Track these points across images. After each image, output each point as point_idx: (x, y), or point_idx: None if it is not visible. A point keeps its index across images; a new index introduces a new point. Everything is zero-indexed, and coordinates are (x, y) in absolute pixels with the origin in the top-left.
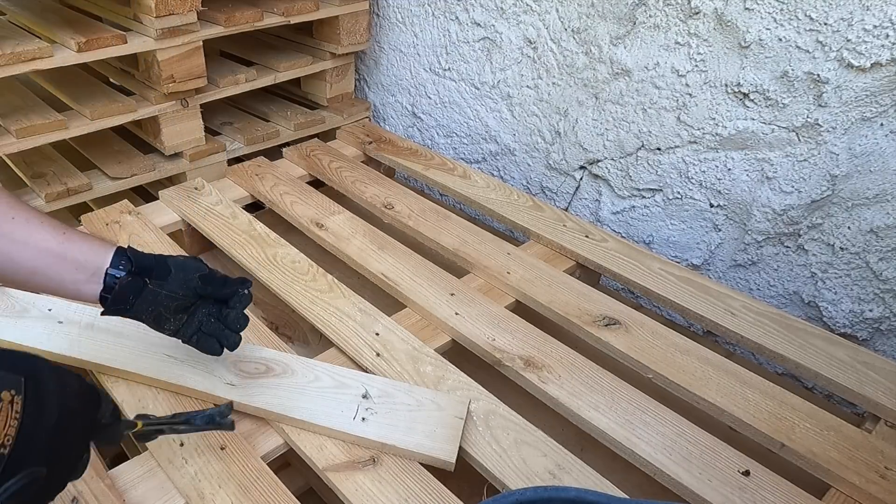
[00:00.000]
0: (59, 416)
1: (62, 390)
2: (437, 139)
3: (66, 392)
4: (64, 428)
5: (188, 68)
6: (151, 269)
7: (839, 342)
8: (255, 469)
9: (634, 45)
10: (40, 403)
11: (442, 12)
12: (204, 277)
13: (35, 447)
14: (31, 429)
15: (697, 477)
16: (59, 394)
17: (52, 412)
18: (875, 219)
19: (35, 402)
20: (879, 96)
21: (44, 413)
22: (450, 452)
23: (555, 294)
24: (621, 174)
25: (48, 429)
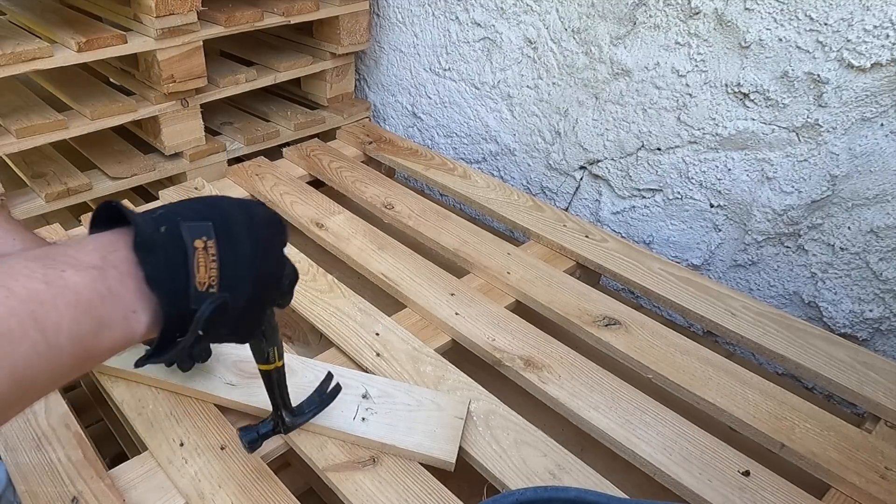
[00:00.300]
0: (252, 243)
1: (250, 221)
2: (438, 139)
3: (253, 222)
4: (259, 252)
5: (188, 68)
6: None
7: (839, 342)
8: (255, 469)
9: (634, 45)
10: (232, 240)
11: (442, 12)
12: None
13: (239, 276)
14: (231, 264)
15: (697, 477)
16: (247, 225)
17: (244, 243)
18: (875, 219)
19: (227, 239)
20: (879, 96)
21: (237, 247)
22: (450, 452)
23: (555, 294)
24: (621, 174)
25: (245, 257)
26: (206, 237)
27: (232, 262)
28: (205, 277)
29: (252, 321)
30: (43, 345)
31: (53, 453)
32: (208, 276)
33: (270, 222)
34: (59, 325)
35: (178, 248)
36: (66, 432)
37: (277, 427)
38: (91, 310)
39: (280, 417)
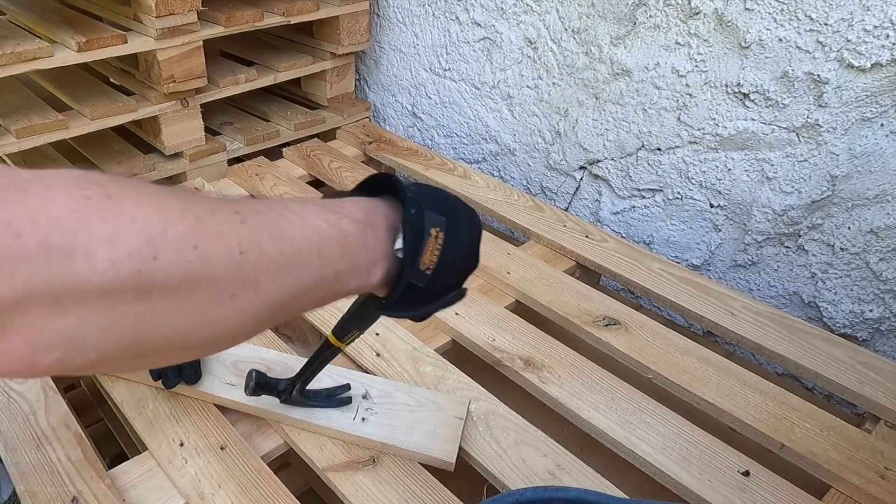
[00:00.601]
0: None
1: (471, 227)
2: (437, 139)
3: (472, 229)
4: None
5: (188, 68)
6: None
7: (839, 342)
8: (255, 469)
9: (635, 45)
10: (456, 237)
11: (442, 12)
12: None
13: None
14: (447, 258)
15: (697, 477)
16: (468, 231)
17: (463, 242)
18: (875, 219)
19: (453, 236)
20: (880, 97)
21: (457, 244)
22: (450, 452)
23: (555, 294)
24: (621, 174)
25: (457, 258)
26: (439, 229)
27: (451, 254)
28: (427, 261)
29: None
30: (318, 272)
31: (53, 453)
32: (430, 260)
33: (480, 229)
34: (331, 259)
35: (418, 231)
36: (66, 432)
37: (282, 392)
38: (351, 254)
39: (291, 388)
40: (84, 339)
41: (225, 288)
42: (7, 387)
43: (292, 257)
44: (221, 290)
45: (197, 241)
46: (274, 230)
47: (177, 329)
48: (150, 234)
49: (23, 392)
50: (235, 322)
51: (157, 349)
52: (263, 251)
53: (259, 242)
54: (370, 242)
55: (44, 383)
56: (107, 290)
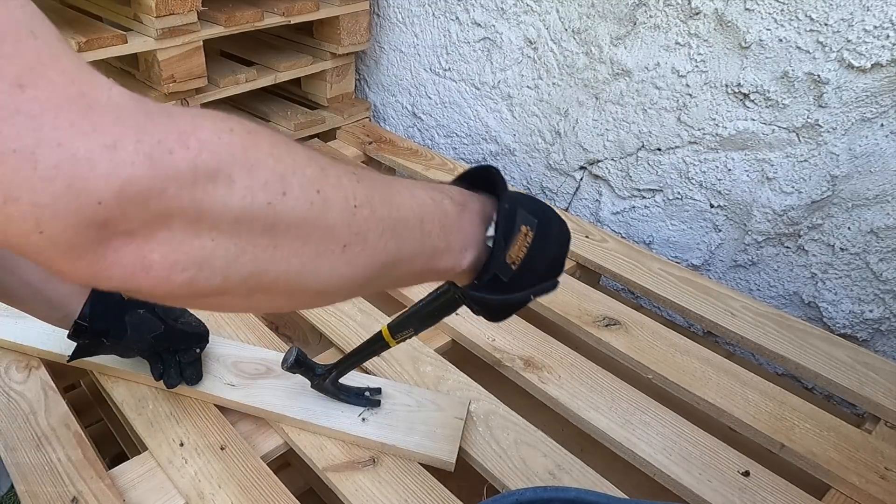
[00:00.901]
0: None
1: (561, 234)
2: (438, 139)
3: (562, 239)
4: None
5: (188, 68)
6: (107, 331)
7: (839, 343)
8: (255, 469)
9: (635, 45)
10: (544, 242)
11: (442, 12)
12: (158, 337)
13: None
14: (533, 257)
15: (697, 477)
16: (558, 239)
17: (551, 250)
18: (875, 219)
19: (542, 239)
20: (880, 97)
21: (545, 250)
22: (450, 453)
23: (555, 294)
24: (621, 174)
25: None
26: (530, 227)
27: (538, 255)
28: (514, 256)
29: (515, 307)
30: (419, 242)
31: (53, 453)
32: (517, 255)
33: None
34: (431, 233)
35: (510, 224)
36: (66, 432)
37: (317, 376)
38: (448, 233)
39: (328, 374)
40: (214, 263)
41: (339, 235)
42: (7, 387)
43: (399, 221)
44: (336, 237)
45: (320, 187)
46: (385, 194)
47: (293, 268)
48: (282, 170)
49: (23, 392)
50: (343, 272)
51: (272, 287)
52: (374, 209)
53: (371, 201)
54: (466, 226)
55: (44, 383)
56: (240, 216)
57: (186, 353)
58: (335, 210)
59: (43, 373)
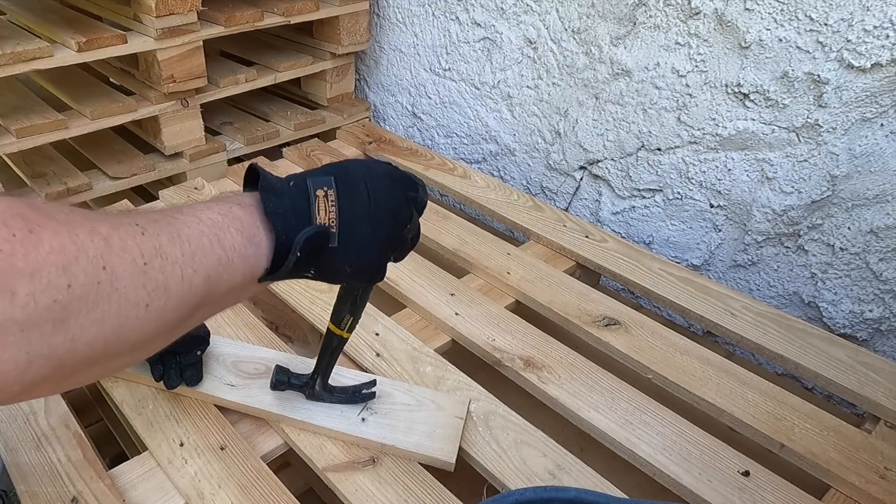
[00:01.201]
0: (370, 191)
1: (368, 173)
2: (437, 139)
3: (371, 174)
4: (377, 197)
5: (188, 68)
6: None
7: (839, 343)
8: (255, 469)
9: (635, 45)
10: (351, 189)
11: (442, 12)
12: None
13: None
14: (349, 207)
15: (697, 477)
16: (365, 177)
17: (360, 190)
18: (875, 219)
19: (346, 189)
20: (879, 97)
21: (354, 194)
22: (450, 453)
23: (555, 294)
24: (621, 174)
25: (363, 202)
26: (327, 188)
27: (349, 206)
28: (325, 219)
29: (373, 260)
30: (224, 259)
31: (53, 453)
32: (328, 217)
33: (389, 175)
34: (233, 245)
35: (303, 197)
36: (66, 432)
37: (306, 388)
38: (252, 235)
39: (313, 381)
40: (6, 369)
41: (137, 298)
42: None
43: (195, 252)
44: (134, 302)
45: (105, 262)
46: (171, 232)
47: (97, 349)
48: (64, 262)
49: None
50: (154, 327)
51: (78, 370)
52: (166, 255)
53: (160, 249)
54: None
55: None
56: (26, 323)
57: (187, 354)
58: (126, 278)
59: None
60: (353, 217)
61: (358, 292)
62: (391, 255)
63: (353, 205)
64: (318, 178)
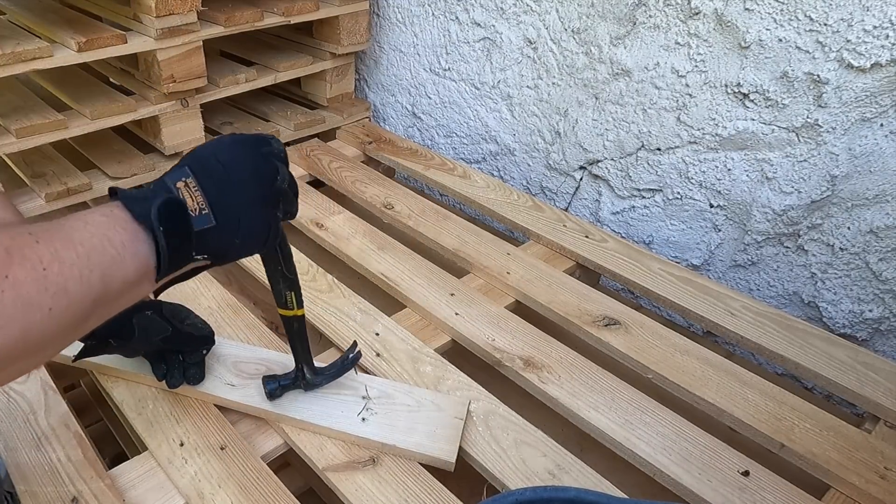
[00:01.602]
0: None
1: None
2: (437, 139)
3: (220, 148)
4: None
5: (188, 68)
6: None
7: (839, 342)
8: (255, 469)
9: (634, 45)
10: (207, 169)
11: (442, 12)
12: (165, 339)
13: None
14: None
15: (697, 477)
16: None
17: (216, 166)
18: (875, 219)
19: (203, 172)
20: (879, 97)
21: (211, 172)
22: (450, 453)
23: (555, 294)
24: (621, 174)
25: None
26: (185, 178)
27: (211, 183)
28: (194, 204)
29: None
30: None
31: (53, 453)
32: (196, 202)
33: (236, 141)
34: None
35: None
36: (66, 432)
37: (297, 381)
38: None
39: (301, 372)
40: None
41: (40, 304)
42: (7, 387)
43: (89, 254)
44: (37, 307)
45: (8, 272)
46: (63, 238)
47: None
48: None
49: (23, 392)
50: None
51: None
52: (62, 259)
53: (56, 254)
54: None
55: (44, 383)
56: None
57: (192, 353)
58: (27, 285)
59: (43, 373)
60: (218, 192)
61: (279, 265)
62: (276, 211)
63: (214, 181)
64: (173, 173)
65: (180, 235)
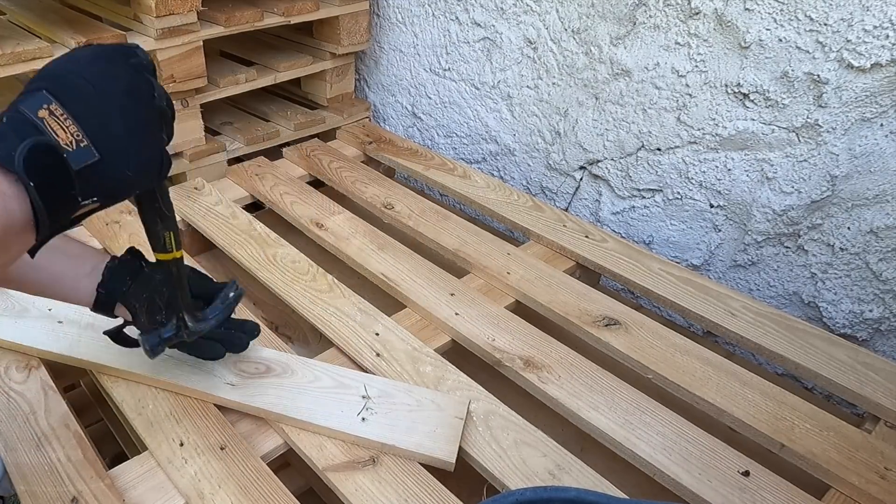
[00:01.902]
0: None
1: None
2: (437, 139)
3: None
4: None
5: (188, 68)
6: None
7: (839, 343)
8: (255, 469)
9: (634, 45)
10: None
11: (442, 12)
12: (194, 270)
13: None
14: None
15: (697, 477)
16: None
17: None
18: (875, 219)
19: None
20: (879, 97)
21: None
22: (450, 452)
23: (555, 294)
24: (621, 174)
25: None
26: (47, 104)
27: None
28: (68, 137)
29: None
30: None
31: (53, 453)
32: (69, 134)
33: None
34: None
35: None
36: (66, 432)
37: (180, 331)
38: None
39: (182, 321)
40: None
41: None
42: (7, 387)
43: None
44: None
45: None
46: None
47: None
48: None
49: (23, 392)
50: None
51: None
52: None
53: None
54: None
55: (44, 383)
56: None
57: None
58: None
59: (43, 373)
60: (97, 119)
61: (156, 202)
62: (162, 134)
63: (85, 104)
64: (28, 100)
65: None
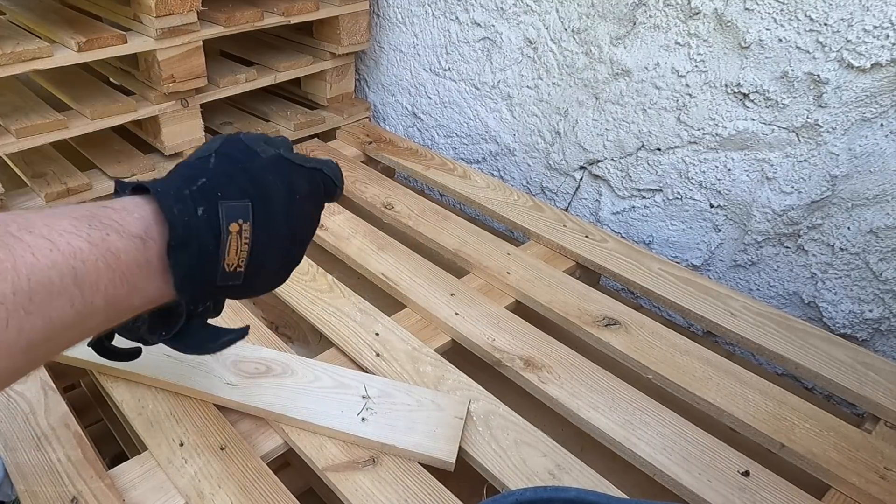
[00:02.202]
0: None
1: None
2: (437, 139)
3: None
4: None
5: (188, 68)
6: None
7: (839, 343)
8: (255, 469)
9: (634, 45)
10: (269, 223)
11: (442, 12)
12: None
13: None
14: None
15: (697, 477)
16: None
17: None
18: (875, 219)
19: (263, 222)
20: (879, 97)
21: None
22: (450, 452)
23: (555, 294)
24: (621, 174)
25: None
26: (243, 220)
27: (266, 242)
28: (234, 259)
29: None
30: (80, 301)
31: (53, 453)
32: (238, 258)
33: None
34: (97, 286)
35: (213, 233)
36: (66, 432)
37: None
38: (128, 276)
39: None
40: None
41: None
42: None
43: (34, 293)
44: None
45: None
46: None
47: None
48: None
49: (23, 392)
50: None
51: None
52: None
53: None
54: (153, 260)
55: (43, 383)
56: None
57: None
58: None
59: (43, 373)
60: (264, 255)
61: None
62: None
63: (268, 239)
64: (233, 207)
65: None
